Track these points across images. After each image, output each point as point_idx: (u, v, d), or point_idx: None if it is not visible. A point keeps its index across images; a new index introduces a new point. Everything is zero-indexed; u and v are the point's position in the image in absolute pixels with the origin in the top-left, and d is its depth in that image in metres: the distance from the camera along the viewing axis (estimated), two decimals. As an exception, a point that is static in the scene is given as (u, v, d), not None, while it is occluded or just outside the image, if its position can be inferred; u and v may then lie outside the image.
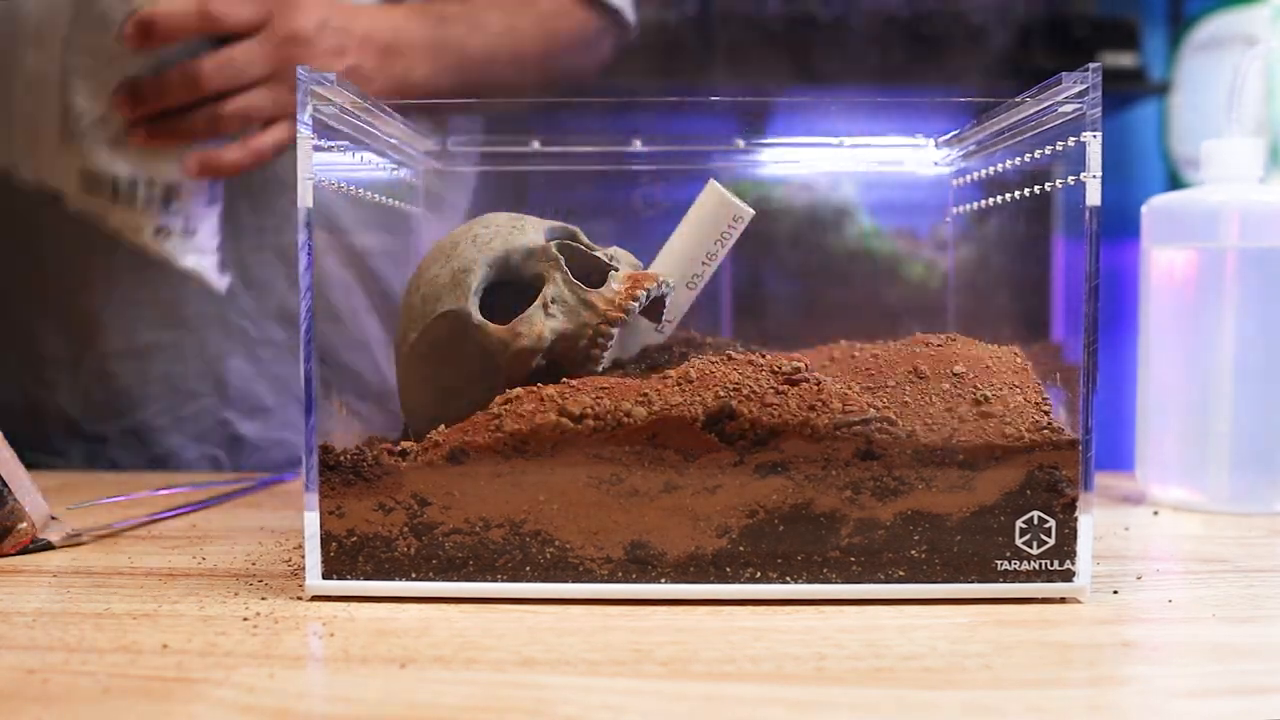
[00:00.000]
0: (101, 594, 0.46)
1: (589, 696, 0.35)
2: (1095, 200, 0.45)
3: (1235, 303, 0.65)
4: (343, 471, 0.45)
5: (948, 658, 0.38)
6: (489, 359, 0.50)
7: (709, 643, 0.40)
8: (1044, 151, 0.51)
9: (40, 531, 0.54)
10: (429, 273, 0.52)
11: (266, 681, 0.36)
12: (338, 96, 0.48)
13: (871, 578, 0.45)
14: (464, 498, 0.45)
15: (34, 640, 0.40)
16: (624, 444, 0.44)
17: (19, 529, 0.53)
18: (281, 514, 0.63)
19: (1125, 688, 0.37)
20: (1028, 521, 0.45)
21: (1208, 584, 0.49)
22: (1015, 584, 0.45)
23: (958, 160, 0.65)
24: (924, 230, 0.96)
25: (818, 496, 0.45)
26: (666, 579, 0.45)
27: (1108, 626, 0.42)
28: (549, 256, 0.51)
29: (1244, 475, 0.65)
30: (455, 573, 0.45)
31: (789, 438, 0.44)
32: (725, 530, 0.45)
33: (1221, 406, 0.65)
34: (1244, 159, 0.65)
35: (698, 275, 0.56)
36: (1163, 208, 0.68)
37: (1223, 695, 0.36)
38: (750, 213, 0.55)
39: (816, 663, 0.38)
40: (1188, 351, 0.67)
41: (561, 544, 0.45)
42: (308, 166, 0.45)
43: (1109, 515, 0.65)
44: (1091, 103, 0.45)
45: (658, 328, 0.56)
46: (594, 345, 0.50)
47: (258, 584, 0.48)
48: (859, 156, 0.67)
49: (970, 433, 0.45)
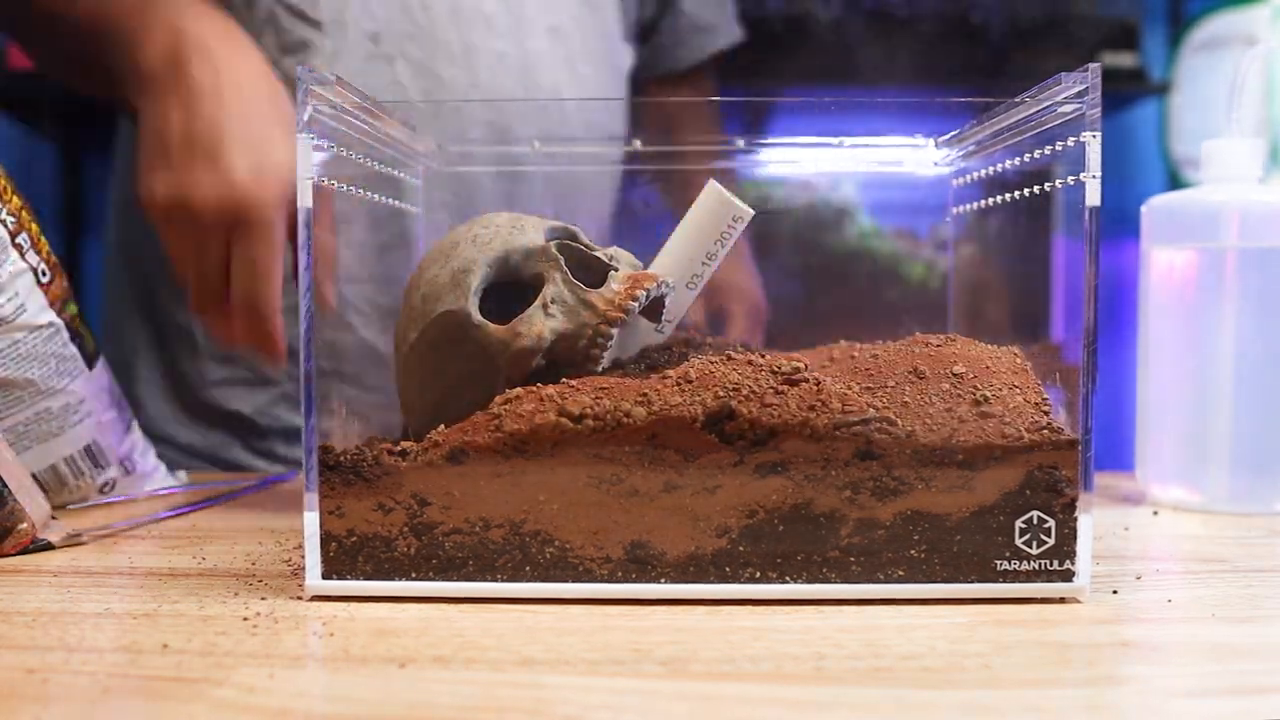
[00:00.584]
0: (101, 594, 0.46)
1: (588, 696, 0.35)
2: (1095, 200, 0.45)
3: (1235, 303, 0.65)
4: (343, 471, 0.45)
5: (947, 657, 0.38)
6: (489, 359, 0.50)
7: (708, 642, 0.40)
8: (1044, 151, 0.51)
9: (40, 532, 0.54)
10: (429, 273, 0.52)
11: (266, 681, 0.36)
12: (337, 96, 0.48)
13: (871, 578, 0.45)
14: (464, 498, 0.45)
15: (34, 640, 0.40)
16: (624, 444, 0.44)
17: (19, 529, 0.53)
18: (281, 514, 0.63)
19: (1124, 688, 0.37)
20: (1027, 521, 0.45)
21: (1207, 584, 0.49)
22: (1014, 584, 0.45)
23: (958, 160, 0.65)
24: (924, 230, 0.96)
25: (817, 496, 0.45)
26: (666, 579, 0.45)
27: (1107, 626, 0.42)
28: (549, 256, 0.51)
29: (1243, 475, 0.65)
30: (455, 573, 0.45)
31: (789, 438, 0.44)
32: (725, 530, 0.45)
33: (1221, 406, 0.65)
34: (1244, 159, 0.65)
35: (697, 275, 0.56)
36: (1163, 208, 0.68)
37: (1222, 695, 0.36)
38: (750, 213, 0.55)
39: (816, 662, 0.38)
40: (1188, 351, 0.67)
41: (561, 544, 0.45)
42: (308, 166, 0.45)
43: (1109, 515, 0.65)
44: (1091, 103, 0.45)
45: (657, 328, 0.56)
46: (594, 345, 0.50)
47: (258, 584, 0.48)
48: (859, 156, 0.67)
49: (970, 433, 0.45)
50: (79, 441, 0.64)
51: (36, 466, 0.63)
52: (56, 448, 0.63)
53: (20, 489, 0.54)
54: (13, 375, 0.60)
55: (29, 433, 0.62)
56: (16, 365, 0.60)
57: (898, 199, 0.84)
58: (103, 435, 0.65)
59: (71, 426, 0.63)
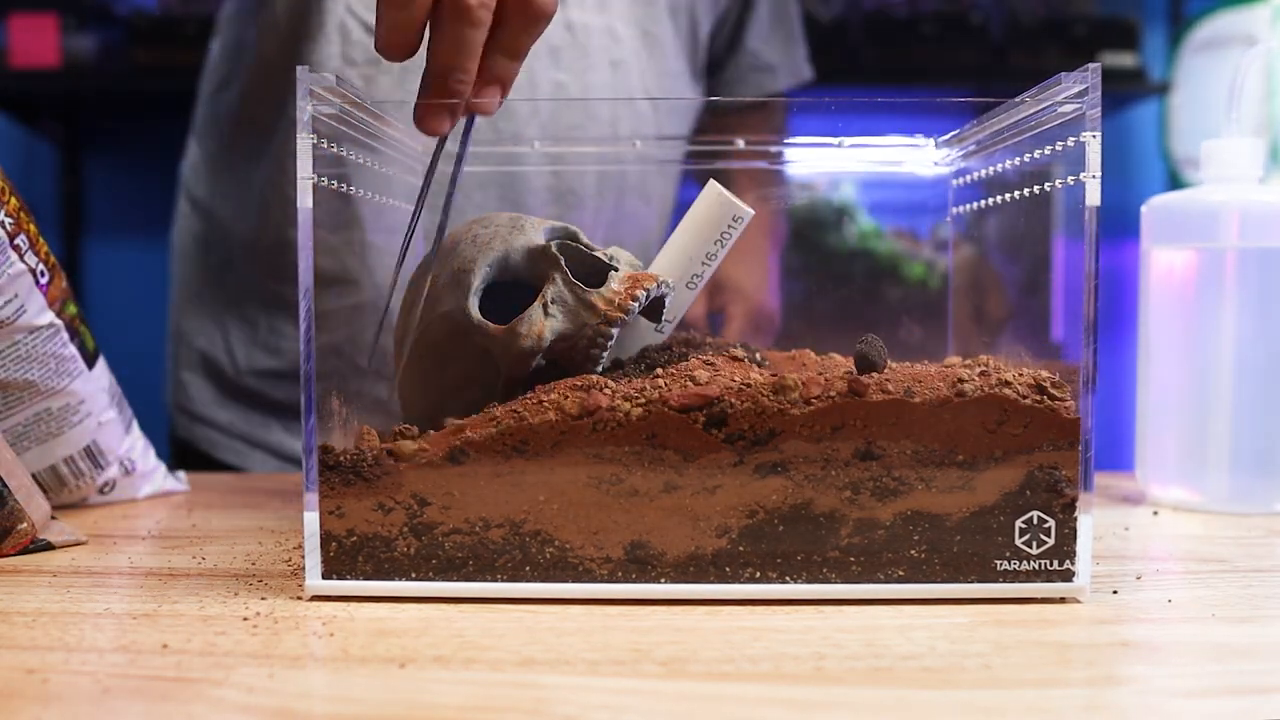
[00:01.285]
0: (101, 594, 0.46)
1: (588, 696, 0.35)
2: (1095, 200, 0.45)
3: (1235, 303, 0.65)
4: (343, 471, 0.45)
5: (947, 657, 0.38)
6: (489, 359, 0.50)
7: (708, 643, 0.40)
8: (1044, 151, 0.51)
9: (40, 532, 0.54)
10: (429, 273, 0.52)
11: (266, 681, 0.36)
12: (337, 96, 0.48)
13: (871, 578, 0.45)
14: (464, 498, 0.45)
15: (34, 640, 0.40)
16: (624, 444, 0.45)
17: (19, 529, 0.53)
18: (281, 514, 0.63)
19: (1124, 687, 0.37)
20: (1027, 521, 0.45)
21: (1207, 584, 0.49)
22: (1015, 584, 0.45)
23: (958, 160, 0.65)
24: (924, 230, 0.96)
25: (817, 496, 0.45)
26: (666, 579, 0.45)
27: (1107, 626, 0.42)
28: (549, 256, 0.51)
29: (1243, 475, 0.65)
30: (455, 573, 0.45)
31: (789, 438, 0.44)
32: (725, 530, 0.45)
33: (1221, 406, 0.65)
34: (1244, 159, 0.65)
35: (698, 275, 0.56)
36: (1163, 208, 0.68)
37: (1221, 695, 0.36)
38: (750, 213, 0.55)
39: (816, 662, 0.38)
40: (1187, 351, 0.67)
41: (561, 544, 0.45)
42: (308, 166, 0.45)
43: (1109, 515, 0.65)
44: (1091, 103, 0.45)
45: (657, 328, 0.56)
46: (593, 345, 0.50)
47: (258, 584, 0.48)
48: (859, 156, 0.67)
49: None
50: (79, 442, 0.64)
51: (36, 467, 0.63)
52: (56, 448, 0.63)
53: (20, 489, 0.54)
54: (12, 377, 0.60)
55: (29, 433, 0.62)
56: (16, 367, 0.60)
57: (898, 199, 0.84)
58: (102, 435, 0.65)
59: (71, 427, 0.63)
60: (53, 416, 0.62)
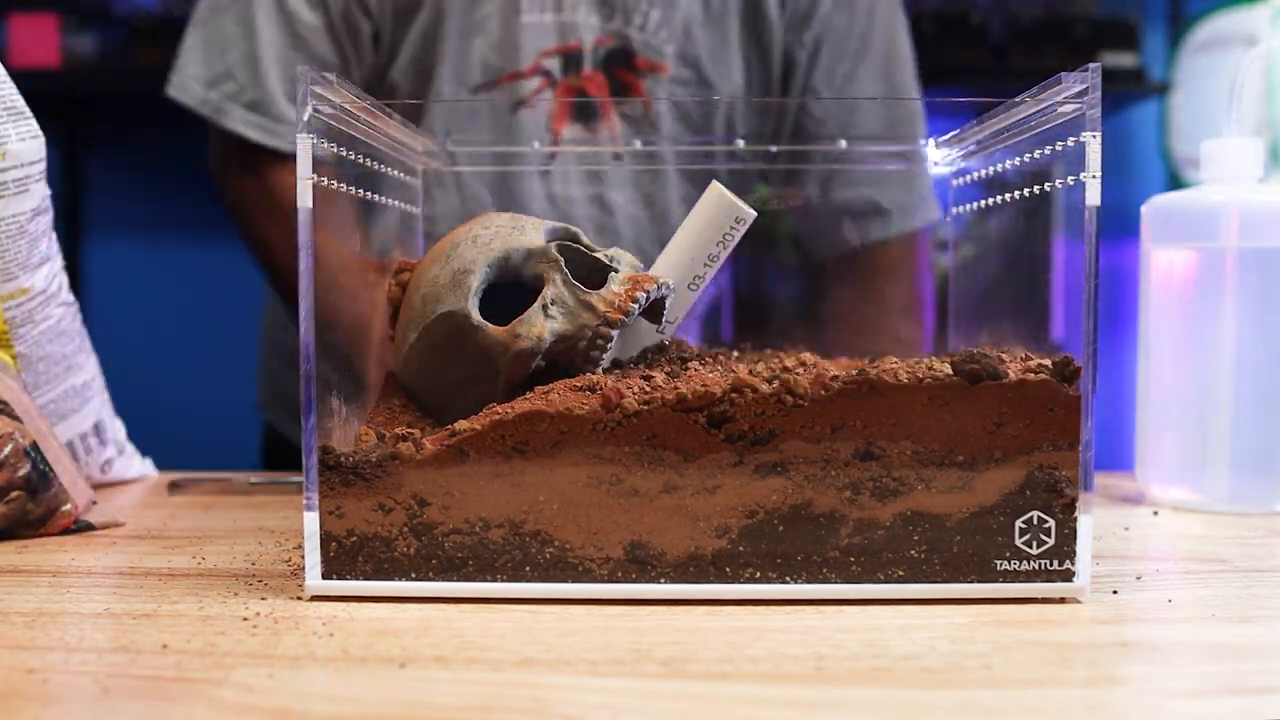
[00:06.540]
0: (101, 594, 0.46)
1: (588, 696, 0.35)
2: (1095, 200, 0.45)
3: (1235, 303, 0.65)
4: (342, 471, 0.45)
5: (947, 658, 0.38)
6: (488, 360, 0.50)
7: (708, 643, 0.40)
8: (1044, 151, 0.51)
9: (82, 514, 0.55)
10: (429, 273, 0.52)
11: (266, 681, 0.36)
12: (338, 96, 0.48)
13: (871, 578, 0.45)
14: (464, 498, 0.45)
15: (34, 640, 0.40)
16: (624, 444, 0.45)
17: (63, 510, 0.53)
18: (281, 514, 0.63)
19: (1124, 688, 0.37)
20: (1027, 522, 0.45)
21: (1207, 584, 0.49)
22: (1015, 584, 0.45)
23: (958, 160, 0.65)
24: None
25: (817, 497, 0.45)
26: (666, 579, 0.45)
27: (1107, 626, 0.42)
28: (549, 257, 0.51)
29: (1243, 475, 0.65)
30: (455, 573, 0.45)
31: (789, 438, 0.44)
32: (725, 530, 0.45)
33: (1221, 406, 0.65)
34: (1244, 159, 0.65)
35: (699, 277, 0.56)
36: (1163, 208, 0.68)
37: (1221, 695, 0.36)
38: (752, 214, 0.55)
39: (816, 663, 0.38)
40: (1187, 351, 0.67)
41: (561, 544, 0.45)
42: (308, 166, 0.45)
43: (1109, 515, 0.65)
44: (1091, 103, 0.45)
45: (658, 329, 0.56)
46: (593, 347, 0.50)
47: (258, 584, 0.48)
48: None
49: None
50: (91, 417, 0.63)
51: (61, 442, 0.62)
52: (75, 424, 0.63)
53: (64, 472, 0.54)
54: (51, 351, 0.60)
55: (57, 410, 0.62)
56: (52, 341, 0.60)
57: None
58: (106, 412, 0.65)
59: (86, 402, 0.63)
60: (75, 393, 0.62)
